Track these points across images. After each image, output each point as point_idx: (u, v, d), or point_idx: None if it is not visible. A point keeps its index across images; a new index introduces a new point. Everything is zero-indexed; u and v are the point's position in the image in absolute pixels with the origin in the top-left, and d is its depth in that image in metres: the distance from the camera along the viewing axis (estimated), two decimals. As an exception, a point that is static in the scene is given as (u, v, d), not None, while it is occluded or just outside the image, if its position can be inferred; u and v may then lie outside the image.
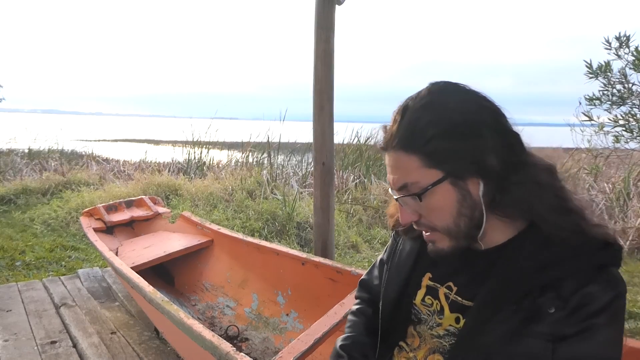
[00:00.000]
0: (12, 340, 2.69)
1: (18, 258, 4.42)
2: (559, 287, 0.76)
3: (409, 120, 0.80)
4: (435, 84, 0.83)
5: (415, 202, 0.83)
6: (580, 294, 0.75)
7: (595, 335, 0.74)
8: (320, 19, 2.72)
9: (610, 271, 0.78)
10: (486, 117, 0.80)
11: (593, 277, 0.76)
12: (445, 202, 0.81)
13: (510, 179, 0.79)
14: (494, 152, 0.78)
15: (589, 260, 0.77)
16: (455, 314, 0.89)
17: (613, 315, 0.75)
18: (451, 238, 0.84)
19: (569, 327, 0.75)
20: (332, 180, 2.92)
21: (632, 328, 3.03)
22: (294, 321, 2.66)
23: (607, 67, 3.13)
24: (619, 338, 0.77)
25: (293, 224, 5.25)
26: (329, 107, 2.79)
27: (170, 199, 6.38)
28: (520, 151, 0.82)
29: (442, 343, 0.91)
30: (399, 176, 0.83)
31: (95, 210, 3.87)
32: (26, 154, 10.26)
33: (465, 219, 0.82)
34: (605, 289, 0.75)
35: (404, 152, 0.81)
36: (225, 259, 3.24)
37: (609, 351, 0.75)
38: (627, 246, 4.75)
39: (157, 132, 23.06)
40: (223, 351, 1.58)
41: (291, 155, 8.90)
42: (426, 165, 0.79)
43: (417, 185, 0.81)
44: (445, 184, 0.80)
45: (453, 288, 0.90)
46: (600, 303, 0.74)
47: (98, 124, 39.05)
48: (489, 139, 0.78)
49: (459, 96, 0.81)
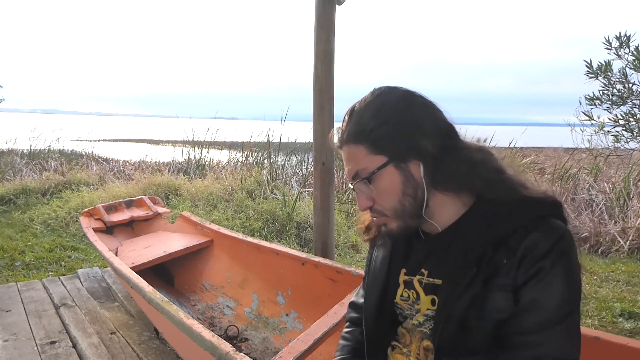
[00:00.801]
0: (12, 340, 2.69)
1: (18, 258, 4.42)
2: (507, 241, 0.86)
3: (355, 117, 0.94)
4: (377, 88, 0.97)
5: (367, 187, 0.94)
6: (525, 243, 0.84)
7: (546, 277, 0.83)
8: (320, 19, 2.72)
9: (550, 220, 0.88)
10: (420, 109, 0.93)
11: (534, 227, 0.86)
12: (391, 183, 0.92)
13: (446, 159, 0.90)
14: (429, 138, 0.90)
15: (529, 213, 0.88)
16: (430, 296, 0.96)
17: (558, 256, 0.84)
18: (398, 218, 0.94)
19: (521, 274, 0.84)
20: (332, 180, 2.92)
21: (632, 328, 3.04)
22: (294, 321, 2.66)
23: (608, 66, 3.13)
24: (569, 277, 0.84)
25: (293, 224, 5.24)
26: (329, 107, 2.78)
27: (170, 199, 6.38)
28: (453, 137, 0.94)
29: (423, 330, 0.97)
30: (352, 166, 0.95)
31: (95, 210, 3.87)
32: (26, 154, 10.26)
33: (409, 198, 0.92)
34: (545, 234, 0.85)
35: (353, 144, 0.93)
36: (225, 259, 3.23)
37: (561, 290, 0.83)
38: (627, 246, 4.75)
39: (157, 132, 23.05)
40: (223, 351, 1.57)
41: (291, 155, 8.91)
42: (372, 152, 0.92)
43: (366, 171, 0.92)
44: (389, 167, 0.91)
45: (424, 272, 0.98)
46: (543, 248, 0.84)
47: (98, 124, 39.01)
48: (423, 126, 0.91)
49: (396, 95, 0.94)
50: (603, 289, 3.72)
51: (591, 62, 3.22)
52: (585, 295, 3.55)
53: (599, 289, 3.73)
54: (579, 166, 7.57)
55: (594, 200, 6.02)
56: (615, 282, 3.90)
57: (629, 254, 4.68)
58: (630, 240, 4.81)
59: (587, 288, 3.72)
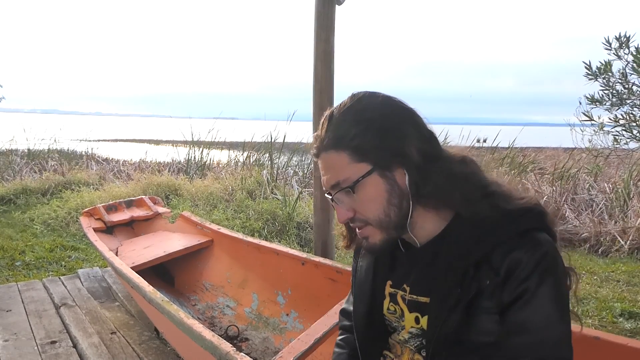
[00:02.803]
0: (12, 340, 2.69)
1: (18, 258, 4.42)
2: (489, 260, 0.82)
3: (335, 123, 0.89)
4: (356, 93, 0.92)
5: (349, 197, 0.89)
6: (507, 261, 0.80)
7: (531, 299, 0.79)
8: (320, 19, 2.72)
9: (532, 235, 0.83)
10: (403, 115, 0.89)
11: (516, 244, 0.81)
12: (376, 192, 0.87)
13: (429, 169, 0.86)
14: (413, 145, 0.86)
15: (510, 228, 0.83)
16: (414, 313, 0.93)
17: (542, 274, 0.80)
18: (382, 230, 0.90)
19: (506, 295, 0.80)
20: (332, 180, 2.92)
21: (632, 328, 3.04)
22: (294, 321, 2.66)
23: (607, 67, 3.13)
24: (555, 294, 0.81)
25: (293, 224, 5.24)
26: (329, 107, 2.79)
27: (170, 199, 6.38)
28: (436, 145, 0.90)
29: (410, 348, 0.95)
30: (332, 175, 0.89)
31: (95, 210, 3.87)
32: (26, 154, 10.26)
33: (394, 208, 0.88)
34: (528, 252, 0.80)
35: (334, 151, 0.88)
36: (225, 259, 3.23)
37: (549, 310, 0.80)
38: (627, 246, 4.75)
39: (157, 132, 23.04)
40: (223, 351, 1.58)
41: (292, 155, 8.90)
42: (355, 160, 0.87)
43: (349, 180, 0.87)
44: (374, 175, 0.86)
45: (407, 289, 0.95)
46: (527, 267, 0.79)
47: (98, 124, 39.00)
48: (408, 132, 0.87)
49: (377, 100, 0.90)
50: (603, 289, 3.72)
51: (590, 64, 3.22)
52: (585, 295, 3.55)
53: (599, 289, 3.73)
54: (579, 166, 7.57)
55: (594, 200, 6.01)
56: (616, 282, 3.90)
57: (629, 254, 4.68)
58: (631, 240, 4.80)
59: (587, 288, 3.72)
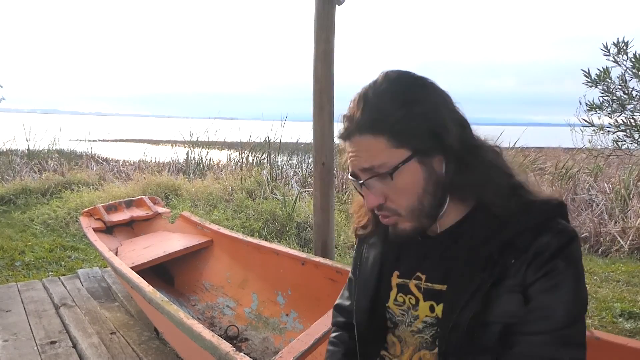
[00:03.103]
0: (12, 340, 2.69)
1: (18, 258, 4.42)
2: (514, 243, 0.81)
3: (372, 104, 0.83)
4: (390, 72, 0.86)
5: (383, 183, 0.85)
6: (535, 244, 0.80)
7: (557, 278, 0.79)
8: (320, 19, 2.72)
9: (558, 221, 0.83)
10: (442, 99, 0.86)
11: (543, 229, 0.81)
12: (414, 179, 0.83)
13: (467, 157, 0.84)
14: (453, 132, 0.83)
15: (536, 215, 0.83)
16: (429, 302, 0.90)
17: (570, 258, 0.80)
18: (414, 218, 0.86)
19: (531, 273, 0.79)
20: (332, 180, 2.92)
21: (632, 328, 3.04)
22: (294, 321, 2.66)
23: (606, 74, 3.12)
24: (579, 284, 0.81)
25: (293, 224, 5.24)
26: (329, 107, 2.78)
27: (170, 199, 6.38)
28: (470, 132, 0.88)
29: (423, 337, 0.91)
30: (364, 158, 0.84)
31: (94, 210, 3.87)
32: (26, 153, 10.25)
33: (429, 197, 0.85)
34: (556, 236, 0.80)
35: (371, 135, 0.82)
36: (225, 259, 3.23)
37: (571, 296, 0.79)
38: (627, 246, 4.75)
39: (157, 132, 23.02)
40: (223, 351, 1.57)
41: (291, 155, 8.90)
42: (393, 146, 0.82)
43: (386, 166, 0.82)
44: (413, 162, 0.82)
45: (422, 277, 0.92)
46: (554, 249, 0.79)
47: (98, 124, 38.99)
48: (448, 118, 0.83)
49: (415, 81, 0.85)
50: (603, 289, 3.72)
51: (589, 71, 3.22)
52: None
53: (599, 289, 3.73)
54: (579, 166, 7.57)
55: (594, 200, 6.01)
56: (615, 282, 3.90)
57: (629, 254, 4.68)
58: (630, 240, 4.80)
59: (587, 288, 3.72)
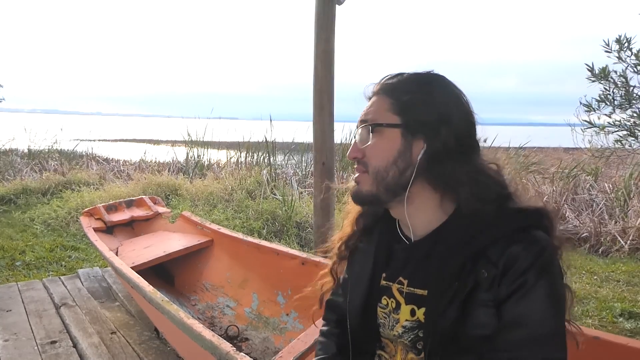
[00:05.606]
0: (12, 340, 2.69)
1: (18, 258, 4.42)
2: (486, 254, 0.83)
3: (401, 80, 0.94)
4: (430, 71, 0.96)
5: (366, 137, 0.93)
6: (506, 256, 0.82)
7: (529, 292, 0.80)
8: (320, 19, 2.72)
9: (530, 232, 0.84)
10: (456, 98, 0.92)
11: (514, 239, 0.83)
12: (388, 146, 0.90)
13: (454, 154, 0.88)
14: (452, 129, 0.88)
15: (509, 225, 0.85)
16: (410, 305, 0.93)
17: (540, 271, 0.81)
18: (375, 182, 0.92)
19: (503, 289, 0.81)
20: (332, 180, 2.92)
21: (632, 328, 3.04)
22: (294, 321, 2.66)
23: (606, 73, 3.11)
24: (552, 291, 0.81)
25: (293, 224, 5.24)
26: (329, 107, 2.79)
27: (170, 199, 6.38)
28: (473, 135, 0.92)
29: (403, 342, 0.93)
30: (368, 112, 0.94)
31: (95, 210, 3.87)
32: (26, 153, 10.26)
33: (395, 170, 0.90)
34: (527, 247, 0.82)
35: (385, 95, 0.93)
36: (225, 259, 3.23)
37: (545, 305, 0.80)
38: (627, 246, 4.74)
39: (157, 132, 23.03)
40: (223, 351, 1.58)
41: (291, 155, 8.90)
42: (392, 111, 0.91)
43: (374, 120, 0.92)
44: (396, 130, 0.90)
45: (404, 281, 0.95)
46: (525, 261, 0.81)
47: (98, 124, 39.00)
48: (454, 115, 0.89)
49: (440, 79, 0.94)
50: (603, 289, 3.72)
51: (593, 66, 3.21)
52: (585, 295, 3.55)
53: (599, 289, 3.73)
54: (579, 166, 7.57)
55: (594, 200, 6.01)
56: (616, 282, 3.90)
57: (629, 254, 4.68)
58: (631, 240, 4.80)
59: (587, 288, 3.72)
